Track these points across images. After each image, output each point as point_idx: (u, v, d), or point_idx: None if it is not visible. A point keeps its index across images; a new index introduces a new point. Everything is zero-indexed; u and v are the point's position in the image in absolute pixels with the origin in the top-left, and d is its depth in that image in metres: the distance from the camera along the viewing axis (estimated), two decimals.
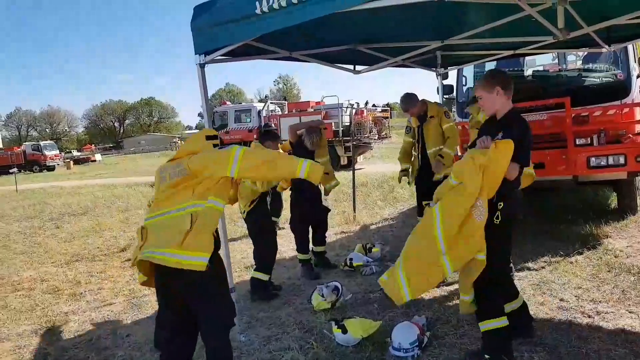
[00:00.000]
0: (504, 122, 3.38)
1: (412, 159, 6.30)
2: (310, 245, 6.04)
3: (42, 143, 47.40)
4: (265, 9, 3.31)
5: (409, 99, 5.93)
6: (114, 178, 26.34)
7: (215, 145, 3.09)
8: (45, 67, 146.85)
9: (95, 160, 50.64)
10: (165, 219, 2.85)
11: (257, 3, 3.34)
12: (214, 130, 3.41)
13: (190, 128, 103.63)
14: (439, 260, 3.17)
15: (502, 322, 3.32)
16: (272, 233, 5.51)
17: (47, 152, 44.15)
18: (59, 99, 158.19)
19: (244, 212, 5.21)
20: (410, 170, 6.31)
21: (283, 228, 8.04)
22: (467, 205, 3.13)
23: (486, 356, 3.35)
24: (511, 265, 3.98)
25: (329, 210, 6.31)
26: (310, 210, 5.87)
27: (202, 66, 4.12)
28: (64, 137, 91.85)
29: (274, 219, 6.97)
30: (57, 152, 47.82)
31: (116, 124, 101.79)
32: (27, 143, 51.07)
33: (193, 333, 3.06)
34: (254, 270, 5.28)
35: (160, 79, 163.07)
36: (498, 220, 3.24)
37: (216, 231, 2.93)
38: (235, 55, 4.46)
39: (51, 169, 42.83)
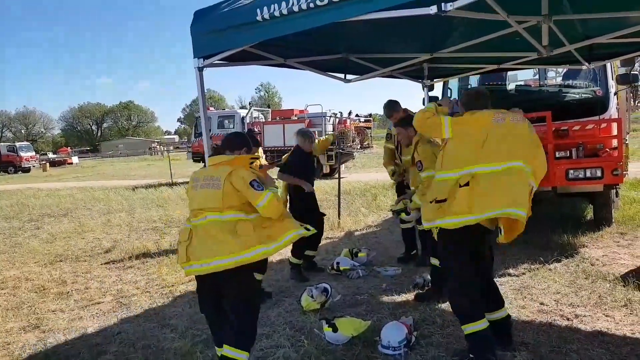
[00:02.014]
0: None
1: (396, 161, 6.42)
2: None
3: (17, 144, 46.46)
4: (266, 16, 3.45)
5: (392, 105, 6.13)
6: (93, 181, 26.03)
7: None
8: (21, 67, 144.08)
9: (72, 163, 49.84)
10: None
11: (258, 10, 3.47)
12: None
13: (169, 133, 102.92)
14: None
15: (481, 324, 3.42)
16: None
17: (22, 154, 43.31)
18: (35, 100, 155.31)
19: None
20: (397, 170, 6.42)
21: None
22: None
23: (471, 355, 3.49)
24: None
25: (325, 215, 6.47)
26: (311, 217, 6.02)
27: (200, 70, 4.22)
28: (40, 139, 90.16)
29: None
30: (33, 153, 46.93)
31: (94, 127, 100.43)
32: (2, 144, 50.04)
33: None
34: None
35: (140, 83, 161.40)
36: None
37: None
38: (233, 60, 4.57)
39: (26, 170, 42.03)
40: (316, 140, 6.25)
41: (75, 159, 52.78)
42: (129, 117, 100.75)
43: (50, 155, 56.32)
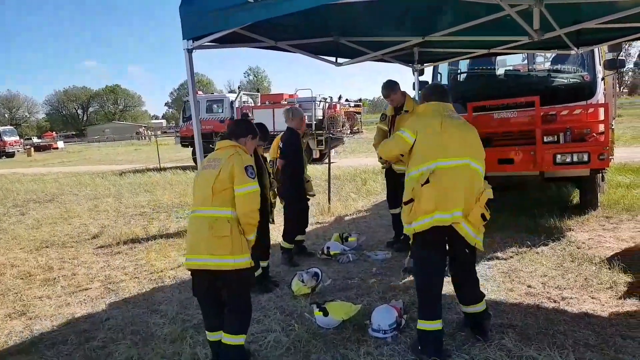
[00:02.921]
0: None
1: None
2: None
3: (1, 128, 45.71)
4: None
5: (391, 85, 5.92)
6: (79, 166, 25.74)
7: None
8: (3, 49, 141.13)
9: (57, 148, 49.20)
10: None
11: None
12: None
13: (156, 117, 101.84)
14: None
15: (435, 325, 3.42)
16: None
17: (6, 138, 42.72)
18: (19, 83, 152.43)
19: None
20: None
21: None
22: None
23: (418, 347, 3.50)
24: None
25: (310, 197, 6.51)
26: (299, 205, 6.10)
27: (189, 52, 4.15)
28: (24, 123, 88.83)
29: None
30: (17, 138, 46.27)
31: (79, 111, 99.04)
32: None
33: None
34: None
35: (127, 67, 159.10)
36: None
37: None
38: (222, 42, 4.50)
39: (10, 155, 41.46)
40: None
41: (60, 144, 52.11)
42: (116, 101, 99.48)
43: (35, 139, 55.56)
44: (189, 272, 3.44)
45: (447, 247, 3.56)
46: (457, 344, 3.62)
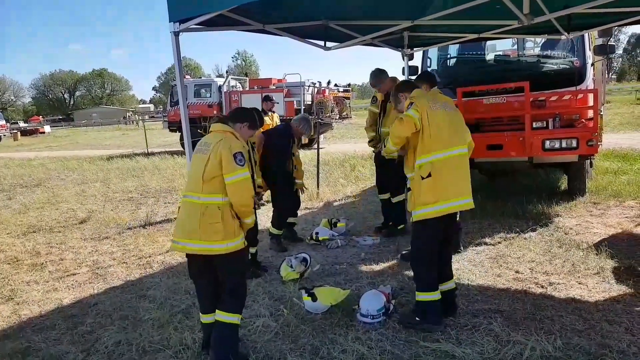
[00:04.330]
0: None
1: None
2: None
3: None
4: None
5: (378, 74, 5.91)
6: (66, 151, 25.45)
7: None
8: None
9: (44, 132, 48.55)
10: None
11: None
12: None
13: (144, 102, 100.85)
14: None
15: (435, 295, 3.66)
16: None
17: None
18: (4, 67, 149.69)
19: None
20: (375, 137, 6.23)
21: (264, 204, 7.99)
22: None
23: (417, 318, 3.69)
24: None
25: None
26: (289, 190, 6.08)
27: (176, 34, 4.08)
28: (10, 107, 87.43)
29: None
30: (3, 122, 45.46)
31: (66, 96, 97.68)
32: None
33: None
34: None
35: (114, 50, 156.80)
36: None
37: None
38: (210, 25, 4.42)
39: None
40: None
41: (47, 128, 51.46)
42: (103, 85, 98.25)
43: (22, 124, 54.80)
44: (178, 257, 3.43)
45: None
46: (445, 330, 3.64)
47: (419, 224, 3.68)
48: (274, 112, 10.69)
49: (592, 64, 7.00)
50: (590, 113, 6.50)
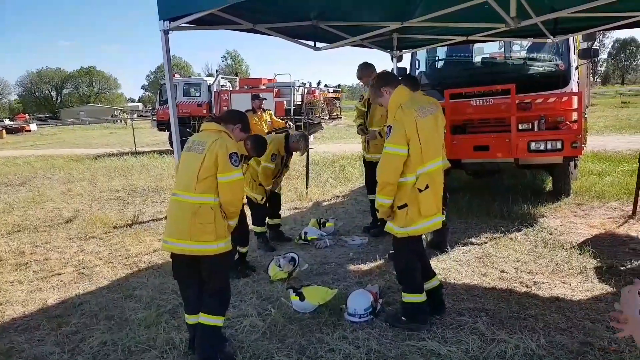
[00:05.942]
0: None
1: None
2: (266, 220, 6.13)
3: None
4: None
5: (366, 68, 5.81)
6: (52, 149, 25.17)
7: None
8: None
9: (30, 130, 48.00)
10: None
11: None
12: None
13: (132, 100, 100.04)
14: None
15: (421, 297, 3.69)
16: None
17: None
18: None
19: None
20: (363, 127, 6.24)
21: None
22: None
23: (403, 318, 3.72)
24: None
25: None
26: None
27: (166, 33, 4.05)
28: None
29: None
30: None
31: (53, 93, 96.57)
32: None
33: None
34: None
35: (102, 48, 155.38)
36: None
37: None
38: (200, 24, 4.42)
39: None
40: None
41: (33, 126, 50.86)
42: (91, 84, 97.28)
43: (7, 122, 54.06)
44: (165, 257, 3.41)
45: None
46: (431, 328, 3.67)
47: (405, 238, 3.60)
48: (264, 110, 10.71)
49: (577, 67, 7.10)
50: (575, 115, 6.60)
